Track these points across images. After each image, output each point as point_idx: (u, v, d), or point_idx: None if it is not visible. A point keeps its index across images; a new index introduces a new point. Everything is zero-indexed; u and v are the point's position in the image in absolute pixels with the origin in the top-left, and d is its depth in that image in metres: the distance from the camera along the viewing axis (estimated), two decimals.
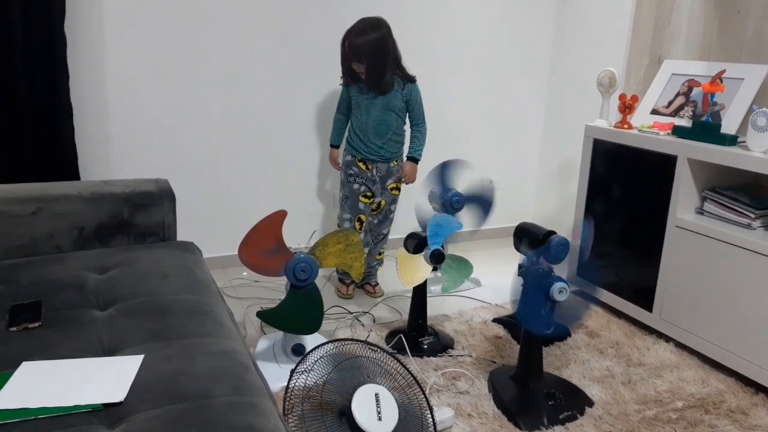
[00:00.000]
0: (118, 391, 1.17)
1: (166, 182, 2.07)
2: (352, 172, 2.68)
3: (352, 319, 2.53)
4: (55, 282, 1.63)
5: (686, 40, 2.72)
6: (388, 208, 2.76)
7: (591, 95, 3.14)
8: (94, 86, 2.59)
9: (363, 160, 2.65)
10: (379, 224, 2.78)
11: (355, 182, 2.68)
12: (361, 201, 2.69)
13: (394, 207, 2.79)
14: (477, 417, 1.88)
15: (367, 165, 2.66)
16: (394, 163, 2.69)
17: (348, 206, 2.71)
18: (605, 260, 2.68)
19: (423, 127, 2.70)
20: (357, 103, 2.62)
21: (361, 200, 2.69)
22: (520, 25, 3.42)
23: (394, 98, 2.59)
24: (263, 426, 1.11)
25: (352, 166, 2.67)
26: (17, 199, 1.82)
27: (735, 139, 2.22)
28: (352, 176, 2.68)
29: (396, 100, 2.59)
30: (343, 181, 2.72)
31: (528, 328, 1.92)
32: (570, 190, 3.44)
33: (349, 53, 2.49)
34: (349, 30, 2.49)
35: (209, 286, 1.73)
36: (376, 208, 2.75)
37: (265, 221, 1.99)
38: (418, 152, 2.70)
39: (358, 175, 2.67)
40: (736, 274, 2.11)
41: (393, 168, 2.69)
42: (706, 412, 1.95)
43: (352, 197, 2.69)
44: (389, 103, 2.59)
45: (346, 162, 2.70)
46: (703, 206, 2.33)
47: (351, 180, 2.68)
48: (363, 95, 2.59)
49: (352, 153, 2.68)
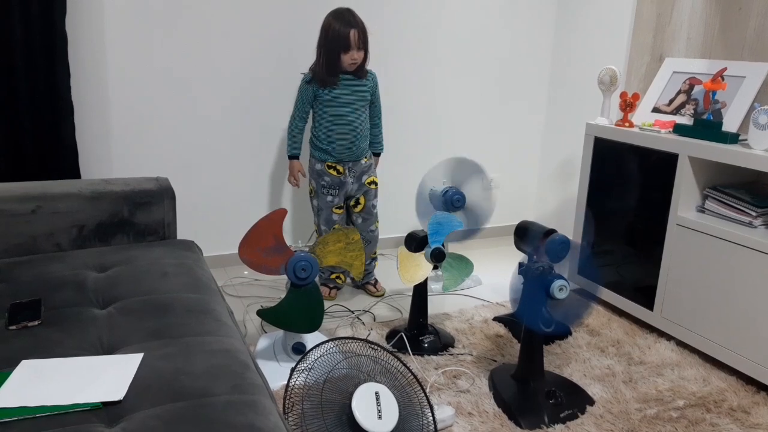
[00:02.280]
0: (118, 389, 1.16)
1: (166, 180, 2.07)
2: (324, 183, 2.57)
3: (353, 318, 2.53)
4: (54, 280, 1.63)
5: (688, 38, 2.71)
6: (371, 204, 2.68)
7: (592, 93, 3.13)
8: (95, 84, 2.59)
9: (335, 165, 2.54)
10: (365, 222, 2.69)
11: (328, 194, 2.58)
12: (335, 213, 2.61)
13: (375, 202, 2.71)
14: (477, 416, 1.88)
15: (339, 169, 2.55)
16: (365, 159, 2.61)
17: (323, 218, 2.62)
18: (606, 258, 2.68)
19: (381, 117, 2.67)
20: (330, 101, 2.48)
21: (335, 212, 2.61)
22: (520, 23, 3.41)
23: (364, 89, 2.52)
24: (263, 424, 1.11)
25: (324, 175, 2.56)
26: (17, 198, 1.82)
27: (736, 137, 2.22)
28: (325, 187, 2.57)
29: (366, 90, 2.53)
30: (316, 191, 2.61)
31: (528, 327, 1.92)
32: (571, 189, 3.44)
33: (359, 40, 2.40)
34: (338, 14, 2.41)
35: (209, 285, 1.73)
36: (354, 205, 2.66)
37: (265, 220, 1.99)
38: (382, 146, 2.69)
39: (330, 186, 2.56)
40: (737, 273, 2.11)
41: (365, 164, 2.61)
42: (707, 411, 1.95)
43: (326, 209, 2.61)
44: (362, 95, 2.51)
45: (317, 171, 2.57)
46: (705, 204, 2.32)
47: (324, 192, 2.58)
48: (340, 90, 2.47)
49: (322, 159, 2.55)
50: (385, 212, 2.96)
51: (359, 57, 2.44)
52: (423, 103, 3.27)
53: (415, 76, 3.21)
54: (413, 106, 3.23)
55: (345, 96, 2.49)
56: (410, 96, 3.20)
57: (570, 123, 3.43)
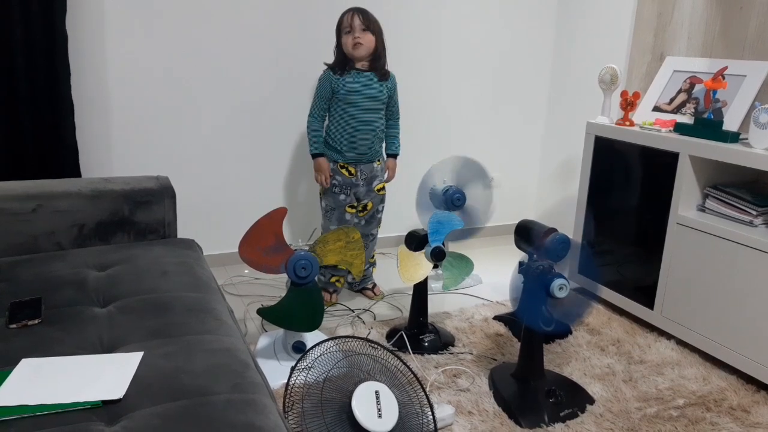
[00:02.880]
0: (118, 388, 1.16)
1: (166, 179, 2.07)
2: (336, 182, 2.53)
3: (353, 317, 2.53)
4: (55, 279, 1.63)
5: (688, 37, 2.71)
6: (376, 209, 2.65)
7: (592, 92, 3.13)
8: (96, 83, 2.59)
9: (347, 165, 2.52)
10: (367, 225, 2.66)
11: (341, 193, 2.54)
12: (347, 212, 2.58)
13: (381, 207, 2.68)
14: (477, 414, 1.88)
15: (350, 170, 2.52)
16: (377, 162, 2.59)
17: (335, 218, 2.58)
18: (606, 257, 2.68)
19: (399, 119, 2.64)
20: (345, 97, 2.44)
21: (348, 211, 2.58)
22: (521, 22, 3.41)
23: (382, 89, 2.49)
24: (263, 423, 1.11)
25: (336, 174, 2.53)
26: (18, 197, 1.82)
27: (737, 136, 2.21)
28: (336, 186, 2.54)
29: (383, 91, 2.50)
30: (326, 190, 2.57)
31: (529, 326, 1.92)
32: (571, 188, 3.43)
33: (360, 22, 2.38)
34: (340, 17, 2.44)
35: (209, 284, 1.73)
36: (362, 210, 2.63)
37: (265, 218, 1.99)
38: (399, 147, 2.65)
39: (343, 185, 2.53)
40: (737, 272, 2.11)
41: (377, 168, 2.59)
42: (708, 410, 1.95)
43: (338, 209, 2.57)
44: (379, 95, 2.48)
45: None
46: (705, 203, 2.32)
47: (336, 191, 2.54)
48: (355, 85, 2.43)
49: (335, 158, 2.52)
50: (385, 211, 2.94)
51: (363, 38, 2.39)
52: (423, 102, 3.27)
53: (416, 76, 3.21)
54: (414, 105, 3.23)
55: (362, 96, 2.45)
56: (411, 95, 3.20)
57: (570, 122, 3.43)
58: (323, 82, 2.47)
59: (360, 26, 2.39)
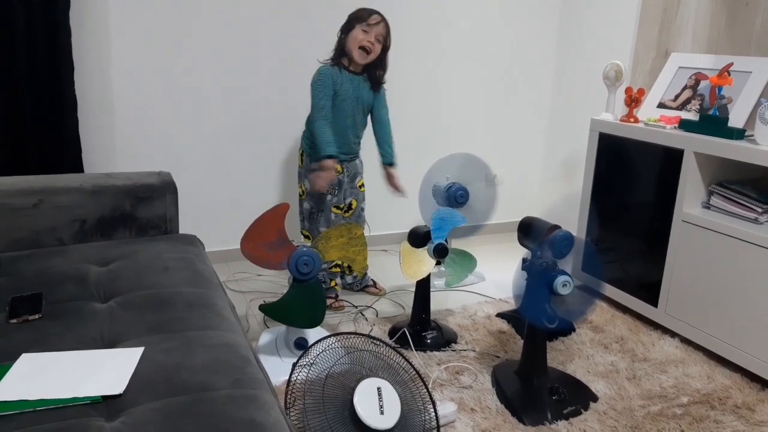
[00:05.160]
0: (118, 383, 1.16)
1: (168, 175, 2.07)
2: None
3: (355, 314, 2.52)
4: (56, 274, 1.63)
5: (694, 33, 2.69)
6: (360, 206, 2.62)
7: (597, 88, 3.11)
8: (99, 79, 2.58)
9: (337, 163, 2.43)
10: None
11: (328, 192, 2.47)
12: (334, 212, 2.51)
13: (364, 205, 2.65)
14: (480, 412, 1.87)
15: (337, 168, 2.43)
16: (358, 160, 2.58)
17: (324, 219, 2.49)
18: (610, 255, 2.67)
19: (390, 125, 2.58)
20: (341, 95, 2.38)
21: (334, 211, 2.51)
22: (525, 18, 3.39)
23: (370, 94, 2.46)
24: (263, 419, 1.10)
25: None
26: (19, 192, 1.82)
27: (742, 133, 2.20)
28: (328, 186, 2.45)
29: (371, 96, 2.47)
30: (310, 193, 2.48)
31: (532, 323, 1.91)
32: (575, 185, 3.42)
33: (383, 28, 2.33)
34: (362, 9, 2.35)
35: (211, 280, 1.73)
36: (347, 210, 2.57)
37: (267, 214, 1.99)
38: (395, 156, 2.59)
39: (331, 184, 2.44)
40: (742, 269, 2.09)
41: (358, 164, 2.57)
42: (712, 408, 1.94)
43: (326, 210, 2.49)
44: (368, 98, 2.46)
45: (312, 170, 2.41)
46: (710, 200, 2.30)
47: (326, 191, 2.45)
48: (350, 84, 2.39)
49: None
50: (387, 208, 2.96)
51: (375, 48, 2.34)
52: (427, 99, 3.26)
53: (419, 72, 3.20)
54: (417, 102, 3.22)
55: (354, 96, 2.41)
56: (414, 91, 3.19)
57: (575, 118, 3.41)
58: (325, 78, 2.35)
59: (380, 35, 2.34)
